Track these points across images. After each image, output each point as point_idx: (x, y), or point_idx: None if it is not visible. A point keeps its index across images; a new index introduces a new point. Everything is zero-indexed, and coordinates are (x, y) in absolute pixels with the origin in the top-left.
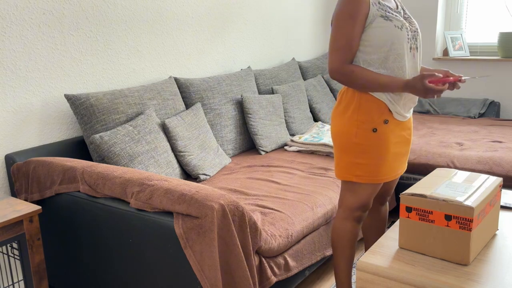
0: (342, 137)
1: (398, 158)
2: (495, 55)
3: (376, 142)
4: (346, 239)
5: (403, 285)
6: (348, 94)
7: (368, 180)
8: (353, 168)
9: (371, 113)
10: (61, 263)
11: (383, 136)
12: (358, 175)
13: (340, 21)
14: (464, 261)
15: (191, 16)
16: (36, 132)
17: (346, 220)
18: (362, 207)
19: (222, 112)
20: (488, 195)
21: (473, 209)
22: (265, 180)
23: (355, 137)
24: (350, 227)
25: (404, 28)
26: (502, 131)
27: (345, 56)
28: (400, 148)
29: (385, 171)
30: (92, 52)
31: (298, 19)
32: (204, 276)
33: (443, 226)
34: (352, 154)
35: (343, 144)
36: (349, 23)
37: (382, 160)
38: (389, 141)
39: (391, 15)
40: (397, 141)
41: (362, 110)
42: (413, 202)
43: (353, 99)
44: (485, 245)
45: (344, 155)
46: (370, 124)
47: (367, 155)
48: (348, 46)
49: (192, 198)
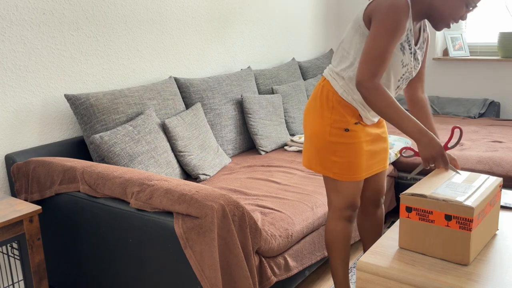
0: (318, 135)
1: (373, 156)
2: (495, 55)
3: (348, 140)
4: (340, 239)
5: (403, 285)
6: (323, 94)
7: (345, 177)
8: (330, 165)
9: (344, 114)
10: (61, 263)
11: (354, 134)
12: (335, 173)
13: (379, 33)
14: (464, 261)
15: (191, 16)
16: (36, 132)
17: (337, 221)
18: (350, 206)
19: (222, 112)
20: (488, 195)
21: (473, 209)
22: (265, 180)
23: (329, 135)
24: (342, 227)
25: (405, 67)
26: (502, 131)
27: (375, 69)
28: (373, 145)
29: (360, 169)
30: (92, 52)
31: (298, 19)
32: (204, 276)
33: (443, 226)
34: (329, 152)
35: (319, 142)
36: (389, 37)
37: (356, 158)
38: (361, 139)
39: (407, 49)
40: (369, 139)
41: (336, 111)
42: (413, 202)
43: (328, 100)
44: (485, 245)
45: (321, 152)
46: (343, 124)
47: (341, 153)
48: (380, 59)
49: (192, 198)
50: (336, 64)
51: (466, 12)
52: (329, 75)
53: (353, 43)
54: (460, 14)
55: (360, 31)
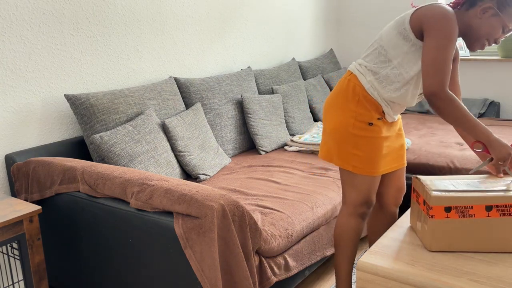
0: (340, 128)
1: (393, 151)
2: (495, 55)
3: (371, 134)
4: (350, 235)
5: (403, 285)
6: (349, 88)
7: (364, 171)
8: (350, 158)
9: (369, 109)
10: (61, 263)
11: (377, 128)
12: (355, 166)
13: (441, 44)
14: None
15: (191, 16)
16: (36, 132)
17: (350, 216)
18: (366, 203)
19: (222, 112)
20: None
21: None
22: (265, 180)
23: (352, 128)
24: (354, 224)
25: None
26: (502, 131)
27: (445, 79)
28: (393, 142)
29: (379, 164)
30: (92, 52)
31: (298, 19)
32: (204, 276)
33: (484, 218)
34: (350, 145)
35: (341, 135)
36: (449, 46)
37: (376, 152)
38: (382, 135)
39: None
40: (389, 135)
41: (361, 105)
42: (452, 201)
43: (354, 94)
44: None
45: (342, 145)
46: (367, 118)
47: (362, 147)
48: (447, 69)
49: (192, 198)
50: (369, 60)
51: (501, 35)
52: (356, 70)
53: (392, 42)
54: (496, 36)
55: (404, 34)
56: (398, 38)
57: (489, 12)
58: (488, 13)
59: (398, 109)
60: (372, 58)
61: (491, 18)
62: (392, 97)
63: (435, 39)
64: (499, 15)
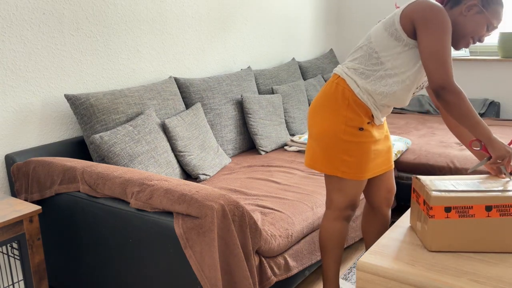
0: (329, 133)
1: (381, 154)
2: (495, 55)
3: (361, 139)
4: (336, 239)
5: (403, 285)
6: (338, 92)
7: (353, 176)
8: (339, 164)
9: (359, 113)
10: (61, 263)
11: (368, 133)
12: (344, 171)
13: (439, 36)
14: (509, 249)
15: (191, 16)
16: (36, 132)
17: (335, 220)
18: (351, 206)
19: (222, 112)
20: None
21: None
22: (265, 180)
23: (343, 134)
24: (340, 227)
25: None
26: (502, 131)
27: (450, 70)
28: (381, 144)
29: (368, 168)
30: (92, 52)
31: (298, 19)
32: (204, 276)
33: (484, 218)
34: (339, 151)
35: (329, 141)
36: (447, 37)
37: (365, 157)
38: (371, 139)
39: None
40: (378, 139)
41: (351, 109)
42: (452, 201)
43: (344, 98)
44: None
45: (330, 151)
46: (358, 123)
47: (353, 152)
48: (450, 59)
49: (192, 198)
50: (358, 62)
51: (486, 33)
52: (344, 74)
53: (383, 44)
54: (481, 34)
55: (396, 35)
56: (390, 40)
57: (473, 10)
58: (473, 11)
59: (386, 112)
60: (362, 61)
61: (476, 15)
62: (386, 100)
63: (430, 32)
64: (484, 12)
